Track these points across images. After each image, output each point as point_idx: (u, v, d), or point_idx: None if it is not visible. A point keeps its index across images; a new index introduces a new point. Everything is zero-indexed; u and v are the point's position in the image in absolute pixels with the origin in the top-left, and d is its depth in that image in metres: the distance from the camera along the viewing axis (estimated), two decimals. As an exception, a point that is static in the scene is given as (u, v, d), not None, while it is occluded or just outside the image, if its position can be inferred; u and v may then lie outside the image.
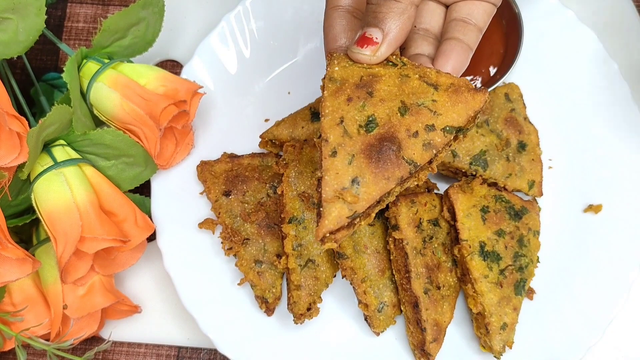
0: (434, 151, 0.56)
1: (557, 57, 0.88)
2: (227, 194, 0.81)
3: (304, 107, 0.84)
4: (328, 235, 0.53)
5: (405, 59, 0.61)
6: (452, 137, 0.57)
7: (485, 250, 0.76)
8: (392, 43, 0.58)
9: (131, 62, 0.81)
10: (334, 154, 0.54)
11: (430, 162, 0.57)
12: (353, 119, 0.56)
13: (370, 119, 0.56)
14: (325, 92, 0.58)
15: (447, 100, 0.58)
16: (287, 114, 0.85)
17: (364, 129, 0.56)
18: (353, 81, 0.58)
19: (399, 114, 0.56)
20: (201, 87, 0.79)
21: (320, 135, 0.56)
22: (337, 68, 0.59)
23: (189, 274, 0.80)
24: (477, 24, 0.66)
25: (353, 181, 0.54)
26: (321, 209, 0.53)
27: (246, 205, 0.81)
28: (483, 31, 0.67)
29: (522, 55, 0.83)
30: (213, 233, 0.82)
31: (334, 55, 0.61)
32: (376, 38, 0.58)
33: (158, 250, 0.80)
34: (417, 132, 0.56)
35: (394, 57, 0.60)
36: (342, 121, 0.56)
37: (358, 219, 0.55)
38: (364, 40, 0.58)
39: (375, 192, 0.54)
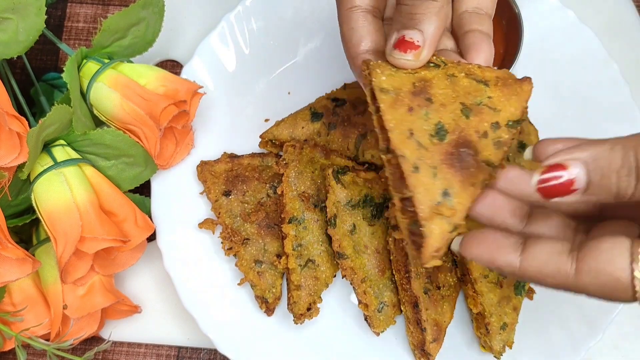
0: (505, 148, 0.54)
1: (557, 57, 0.88)
2: (227, 194, 0.81)
3: (304, 107, 0.84)
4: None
5: (443, 58, 0.58)
6: (516, 131, 0.55)
7: (485, 250, 0.76)
8: (432, 44, 0.55)
9: (131, 62, 0.81)
10: (416, 169, 0.51)
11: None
12: (422, 130, 0.53)
13: (439, 126, 0.53)
14: (381, 105, 0.54)
15: (501, 95, 0.56)
16: (287, 114, 0.85)
17: (436, 137, 0.53)
18: (407, 89, 0.55)
19: (463, 117, 0.54)
20: (201, 87, 0.79)
21: (389, 151, 0.53)
22: (383, 77, 0.55)
23: (189, 274, 0.80)
24: (487, 12, 0.63)
25: (444, 194, 0.51)
26: (421, 228, 0.50)
27: (246, 205, 0.81)
28: (492, 17, 0.64)
29: (522, 55, 0.83)
30: (213, 233, 0.82)
31: (372, 63, 0.56)
32: (417, 41, 0.54)
33: (158, 250, 0.80)
34: (485, 132, 0.54)
35: (434, 57, 0.57)
36: (412, 134, 0.53)
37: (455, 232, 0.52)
38: (405, 45, 0.55)
39: (467, 201, 0.52)
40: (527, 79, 0.57)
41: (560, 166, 0.45)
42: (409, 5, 0.55)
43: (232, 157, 0.83)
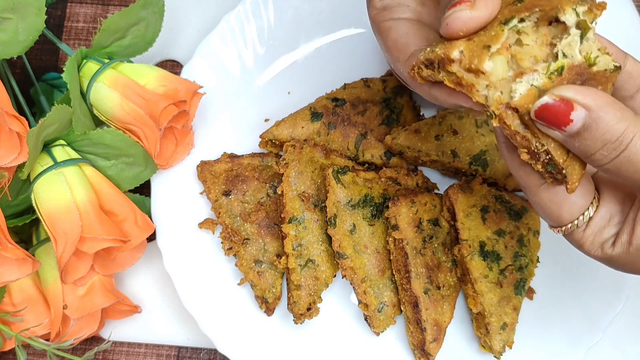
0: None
1: (557, 57, 0.88)
2: (227, 193, 0.81)
3: (304, 107, 0.84)
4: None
5: None
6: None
7: (485, 250, 0.76)
8: None
9: (131, 62, 0.81)
10: None
11: None
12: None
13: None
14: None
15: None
16: (287, 114, 0.85)
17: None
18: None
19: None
20: (201, 87, 0.79)
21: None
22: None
23: (189, 274, 0.80)
24: None
25: None
26: (563, 171, 0.47)
27: (246, 205, 0.81)
28: None
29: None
30: (213, 233, 0.82)
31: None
32: None
33: (158, 250, 0.80)
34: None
35: None
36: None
37: None
38: (456, 2, 0.47)
39: None
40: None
41: (568, 103, 0.45)
42: None
43: (232, 157, 0.83)
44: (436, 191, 0.84)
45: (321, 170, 0.80)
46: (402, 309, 0.78)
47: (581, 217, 0.53)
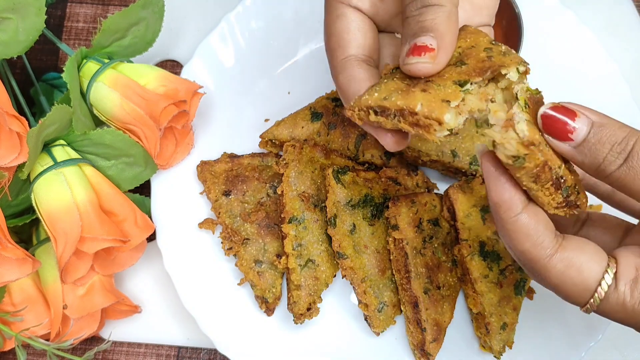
0: None
1: (557, 58, 0.88)
2: (227, 193, 0.81)
3: (304, 107, 0.84)
4: None
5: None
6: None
7: (485, 250, 0.76)
8: (448, 48, 0.53)
9: (131, 62, 0.81)
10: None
11: None
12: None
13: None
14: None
15: None
16: (287, 114, 0.85)
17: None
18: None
19: None
20: (201, 87, 0.79)
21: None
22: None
23: (189, 274, 0.80)
24: None
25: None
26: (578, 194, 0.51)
27: (246, 205, 0.81)
28: None
29: (522, 55, 0.83)
30: (213, 233, 0.82)
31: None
32: (430, 44, 0.52)
33: (158, 250, 0.80)
34: None
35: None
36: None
37: None
38: (419, 49, 0.52)
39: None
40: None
41: (571, 112, 0.48)
42: (415, 15, 0.54)
43: (232, 157, 0.83)
44: (436, 191, 0.84)
45: (321, 170, 0.80)
46: (402, 309, 0.78)
47: (604, 282, 0.49)
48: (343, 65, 0.58)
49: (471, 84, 0.51)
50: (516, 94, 0.51)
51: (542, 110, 0.49)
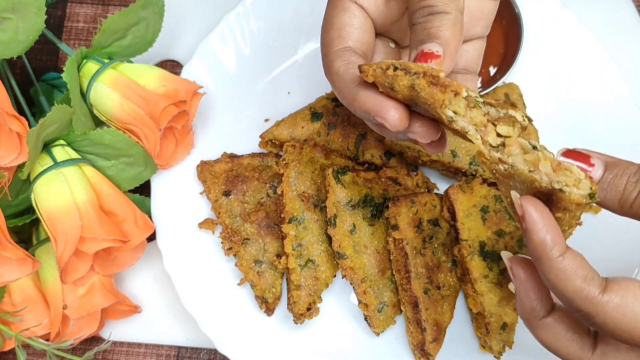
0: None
1: (557, 57, 0.88)
2: (227, 194, 0.81)
3: (304, 107, 0.84)
4: None
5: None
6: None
7: (485, 250, 0.76)
8: (453, 54, 0.55)
9: (131, 62, 0.81)
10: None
11: None
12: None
13: None
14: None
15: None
16: (287, 114, 0.85)
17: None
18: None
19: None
20: (201, 87, 0.79)
21: None
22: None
23: (189, 274, 0.80)
24: (475, 72, 0.65)
25: None
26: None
27: (246, 205, 0.81)
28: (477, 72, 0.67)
29: (522, 55, 0.83)
30: (213, 233, 0.82)
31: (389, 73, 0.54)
32: (437, 51, 0.54)
33: (158, 250, 0.80)
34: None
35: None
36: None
37: None
38: (425, 56, 0.54)
39: None
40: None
41: (584, 156, 0.52)
42: (422, 23, 0.55)
43: (232, 157, 0.83)
44: (436, 191, 0.84)
45: (321, 170, 0.80)
46: (402, 309, 0.78)
47: None
48: (341, 54, 0.59)
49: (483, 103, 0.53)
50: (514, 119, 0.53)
51: (559, 154, 0.52)
